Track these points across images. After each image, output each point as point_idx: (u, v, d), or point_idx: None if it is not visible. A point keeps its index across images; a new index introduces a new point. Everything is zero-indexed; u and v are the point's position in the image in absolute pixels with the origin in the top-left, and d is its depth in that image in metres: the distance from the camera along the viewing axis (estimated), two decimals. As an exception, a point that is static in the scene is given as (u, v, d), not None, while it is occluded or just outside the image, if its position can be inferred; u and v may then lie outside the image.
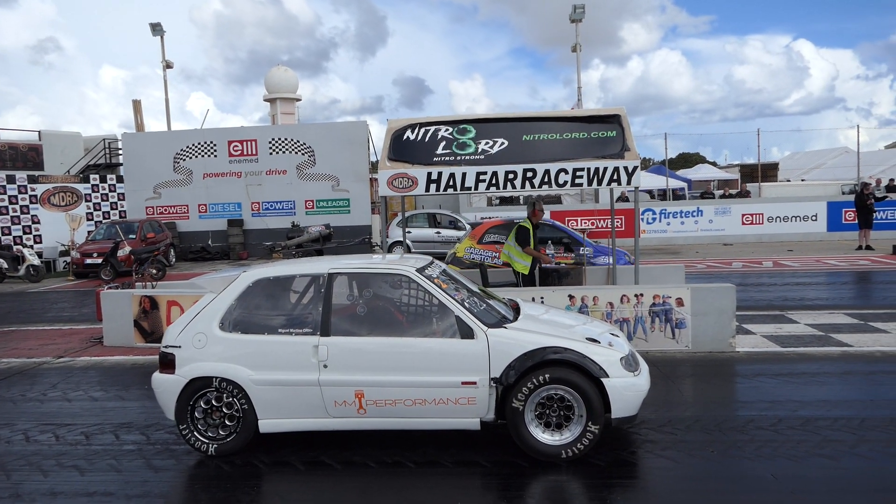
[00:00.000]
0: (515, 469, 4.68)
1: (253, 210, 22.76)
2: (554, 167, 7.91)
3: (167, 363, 5.08)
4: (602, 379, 4.65)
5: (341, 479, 4.65)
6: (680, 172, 38.13)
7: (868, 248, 17.58)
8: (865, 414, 5.48)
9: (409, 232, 19.37)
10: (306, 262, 5.85)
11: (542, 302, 7.58)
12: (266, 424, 4.97)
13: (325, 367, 4.83)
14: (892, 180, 24.77)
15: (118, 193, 23.91)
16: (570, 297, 7.93)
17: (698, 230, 21.73)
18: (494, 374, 4.72)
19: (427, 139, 8.44)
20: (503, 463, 4.77)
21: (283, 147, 22.58)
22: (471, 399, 4.75)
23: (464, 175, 8.00)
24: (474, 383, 4.73)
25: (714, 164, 48.29)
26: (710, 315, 7.68)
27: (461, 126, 8.51)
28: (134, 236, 18.64)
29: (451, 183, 8.04)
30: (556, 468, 4.64)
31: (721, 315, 7.69)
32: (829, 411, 5.58)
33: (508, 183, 7.99)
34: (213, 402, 5.01)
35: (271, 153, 22.57)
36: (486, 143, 8.29)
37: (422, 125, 8.59)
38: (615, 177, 7.88)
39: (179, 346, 5.05)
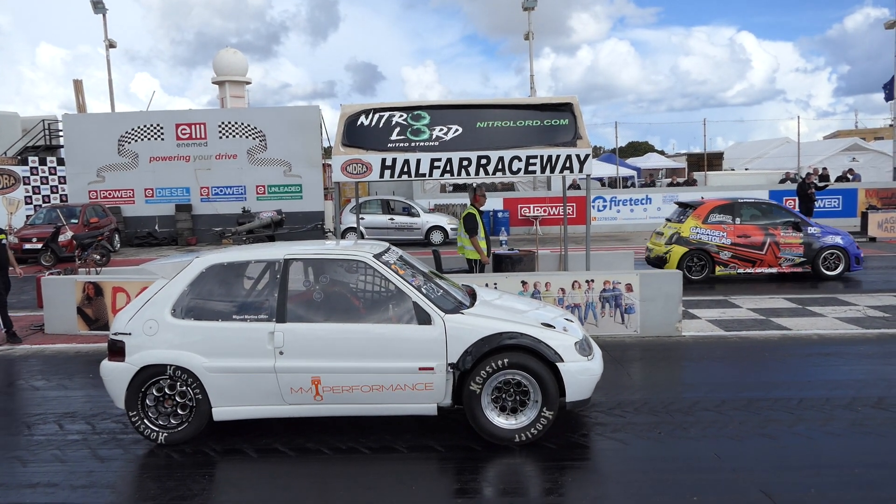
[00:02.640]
0: (470, 453, 4.74)
1: (202, 195, 22.21)
2: (508, 154, 7.96)
3: (116, 351, 4.94)
4: (557, 363, 4.73)
5: (294, 466, 4.63)
6: (630, 161, 38.89)
7: None
8: (803, 394, 5.74)
9: (362, 218, 19.24)
10: (261, 247, 5.75)
11: (496, 288, 7.65)
12: (220, 412, 4.89)
13: (281, 353, 4.77)
14: (825, 169, 25.78)
15: (59, 177, 23.00)
16: (523, 283, 8.03)
17: (647, 217, 22.21)
18: (452, 359, 4.74)
19: (381, 125, 8.38)
20: (458, 447, 4.83)
21: (234, 131, 22.07)
22: (428, 385, 4.77)
23: (418, 161, 7.99)
24: (431, 369, 4.74)
25: (662, 152, 49.36)
26: (658, 300, 7.89)
27: (415, 112, 8.48)
28: (76, 221, 17.99)
29: (405, 169, 8.01)
30: (509, 452, 4.72)
31: (668, 300, 7.90)
32: (769, 392, 5.82)
33: (463, 170, 8.01)
34: (165, 390, 4.91)
35: (221, 137, 22.03)
36: (441, 130, 8.29)
37: (376, 111, 8.52)
38: (567, 164, 7.99)
39: (129, 334, 4.92)
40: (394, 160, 8.00)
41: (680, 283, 7.94)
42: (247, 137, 22.09)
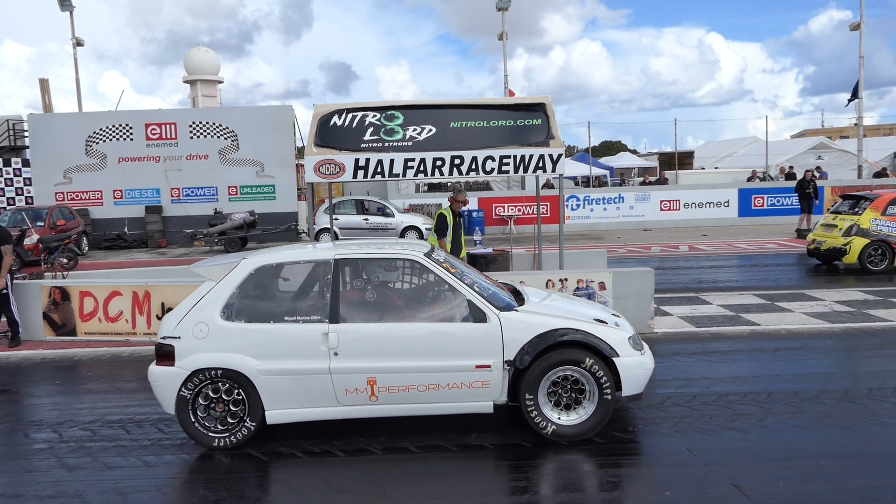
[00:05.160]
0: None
1: (173, 196, 21.88)
2: (481, 154, 7.98)
3: (165, 355, 4.81)
4: (613, 358, 4.75)
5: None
6: (602, 160, 39.26)
7: (805, 231, 18.30)
8: (772, 388, 5.84)
9: (336, 219, 19.12)
10: (309, 248, 5.67)
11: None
12: (273, 415, 4.80)
13: (336, 354, 4.72)
14: (791, 168, 26.30)
15: (24, 178, 22.48)
16: (498, 282, 8.04)
17: (620, 216, 22.43)
18: (508, 356, 4.73)
19: (354, 125, 8.33)
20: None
21: (205, 131, 21.78)
22: (485, 382, 4.76)
23: (392, 162, 7.96)
24: (489, 366, 4.73)
25: (634, 152, 49.98)
26: (631, 298, 7.96)
27: (389, 112, 8.45)
28: (42, 223, 17.57)
29: (378, 169, 7.98)
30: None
31: (640, 298, 7.99)
32: (739, 387, 5.91)
33: (436, 170, 8.00)
34: (221, 394, 4.81)
35: (192, 137, 21.72)
36: (414, 130, 8.27)
37: (349, 111, 8.47)
38: (540, 164, 8.03)
39: (179, 337, 4.80)
40: (367, 160, 7.96)
41: (652, 281, 8.02)
42: (218, 137, 21.82)
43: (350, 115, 8.41)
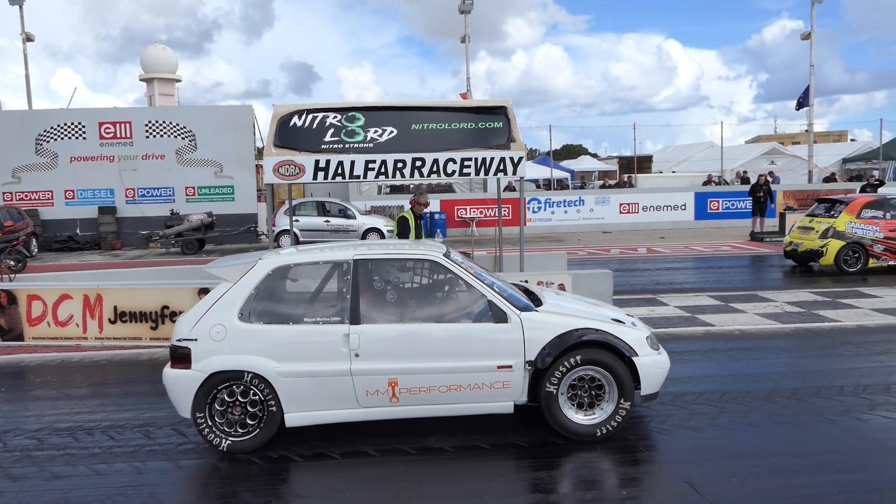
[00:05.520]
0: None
1: (127, 197, 21.33)
2: (442, 156, 7.98)
3: (181, 358, 4.70)
4: (633, 358, 4.80)
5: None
6: (564, 163, 39.70)
7: (758, 234, 18.97)
8: (725, 388, 5.98)
9: (296, 220, 18.90)
10: (326, 248, 5.58)
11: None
12: (292, 418, 4.74)
13: (357, 355, 4.67)
14: (745, 172, 27.04)
15: (-31, 178, 21.62)
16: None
17: (580, 219, 22.72)
18: (529, 357, 4.75)
19: (315, 126, 8.25)
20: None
21: (161, 130, 21.30)
22: (506, 383, 4.77)
23: (352, 163, 7.91)
24: (510, 367, 4.74)
25: (595, 155, 50.66)
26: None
27: (350, 114, 8.39)
28: (-11, 225, 16.96)
29: (339, 171, 7.92)
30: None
31: (599, 299, 8.07)
32: (694, 387, 6.03)
33: (397, 171, 7.98)
34: (238, 396, 4.72)
35: (148, 136, 21.21)
36: (375, 132, 8.23)
37: (309, 112, 8.38)
38: (501, 167, 8.08)
39: (195, 339, 4.69)
40: (327, 162, 7.89)
41: (611, 283, 8.15)
42: (176, 137, 21.35)
43: (310, 116, 8.33)
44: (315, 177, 7.92)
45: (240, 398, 4.73)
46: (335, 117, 8.33)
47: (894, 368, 6.47)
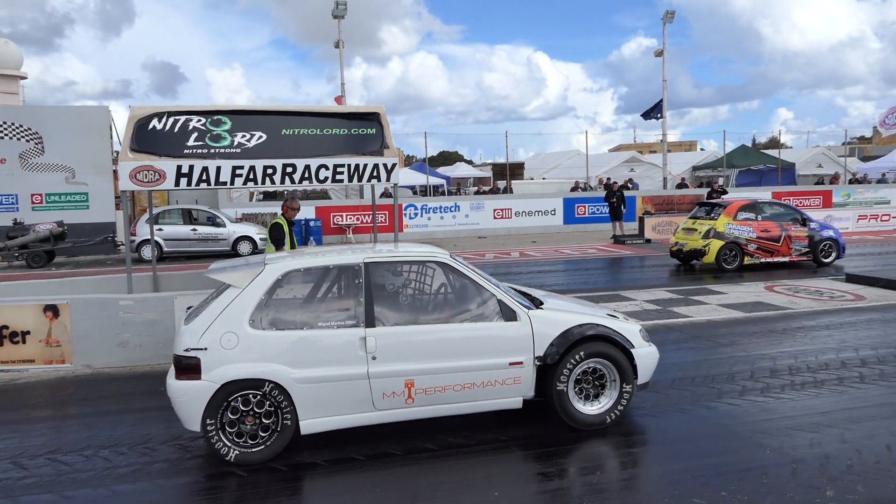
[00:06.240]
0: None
1: (-39, 205, 19.15)
2: (314, 163, 7.81)
3: (189, 368, 4.48)
4: (631, 350, 5.10)
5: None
6: (440, 170, 40.29)
7: (620, 237, 20.15)
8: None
9: (160, 229, 17.85)
10: (336, 251, 5.32)
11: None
12: (308, 424, 4.64)
13: (374, 358, 4.67)
14: (609, 179, 28.71)
15: None
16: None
17: (456, 224, 23.14)
18: (538, 352, 4.93)
19: (177, 130, 7.79)
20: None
21: (2, 132, 19.32)
22: (517, 379, 4.93)
23: (218, 169, 7.55)
24: (521, 363, 4.91)
25: (470, 162, 51.90)
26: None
27: (215, 117, 8.00)
28: None
29: (204, 177, 7.53)
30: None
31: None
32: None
33: (267, 178, 7.71)
34: (255, 406, 4.55)
35: (-15, 138, 19.17)
36: (243, 136, 7.91)
37: (170, 114, 7.91)
38: (375, 173, 8.03)
39: (205, 349, 4.49)
40: (191, 167, 7.48)
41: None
42: (19, 139, 19.44)
43: (171, 119, 7.86)
44: (177, 183, 7.48)
45: (255, 408, 4.57)
46: (199, 121, 7.91)
47: (738, 359, 7.08)
